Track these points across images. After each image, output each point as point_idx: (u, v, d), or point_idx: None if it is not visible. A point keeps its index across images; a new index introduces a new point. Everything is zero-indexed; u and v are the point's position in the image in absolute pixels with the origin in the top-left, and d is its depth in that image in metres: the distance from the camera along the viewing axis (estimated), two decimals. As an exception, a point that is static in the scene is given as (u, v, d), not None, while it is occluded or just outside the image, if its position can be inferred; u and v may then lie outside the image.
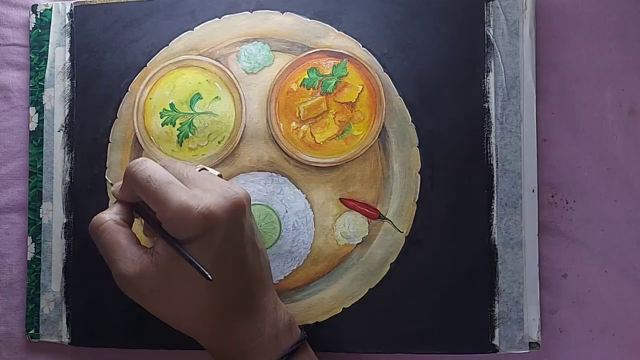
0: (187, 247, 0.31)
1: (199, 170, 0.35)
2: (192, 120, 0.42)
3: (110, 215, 0.34)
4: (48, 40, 0.45)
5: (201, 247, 0.31)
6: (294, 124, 0.40)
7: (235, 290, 0.34)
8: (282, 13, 0.41)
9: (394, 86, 0.40)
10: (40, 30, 0.45)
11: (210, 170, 0.37)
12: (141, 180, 0.32)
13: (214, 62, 0.42)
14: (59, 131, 0.44)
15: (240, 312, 0.34)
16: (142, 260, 0.32)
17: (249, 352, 0.34)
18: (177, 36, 0.42)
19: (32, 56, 0.45)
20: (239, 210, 0.32)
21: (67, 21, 0.44)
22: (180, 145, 0.42)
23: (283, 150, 0.40)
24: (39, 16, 0.45)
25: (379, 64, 0.40)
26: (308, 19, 0.41)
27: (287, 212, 0.40)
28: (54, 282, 0.43)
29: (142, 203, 0.34)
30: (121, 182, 0.35)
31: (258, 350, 0.33)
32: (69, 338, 0.42)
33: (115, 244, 0.33)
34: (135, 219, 0.36)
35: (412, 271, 0.39)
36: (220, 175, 0.36)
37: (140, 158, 0.34)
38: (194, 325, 0.34)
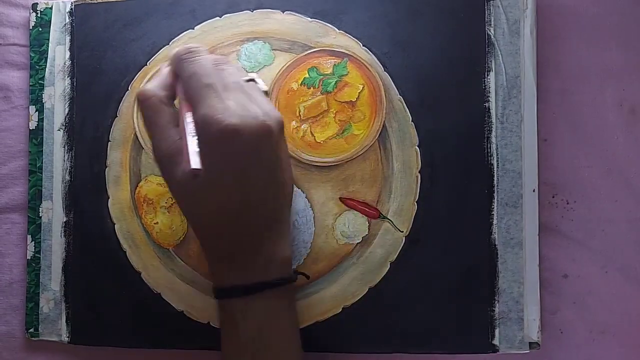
0: (210, 154, 0.31)
1: (247, 81, 0.35)
2: (192, 119, 0.41)
3: (155, 90, 0.34)
4: (48, 39, 0.45)
5: (221, 159, 0.31)
6: (294, 123, 0.40)
7: (241, 212, 0.33)
8: (283, 12, 0.41)
9: (394, 85, 0.40)
10: (40, 29, 0.45)
11: (260, 83, 0.36)
12: (185, 72, 0.33)
13: (214, 61, 0.42)
14: (58, 130, 0.44)
15: (241, 235, 0.34)
16: (175, 144, 0.32)
17: (234, 269, 0.34)
18: (178, 35, 0.42)
19: (32, 55, 0.45)
20: (264, 135, 0.32)
21: (67, 20, 0.44)
22: (180, 144, 0.42)
23: (283, 150, 0.40)
24: (39, 15, 0.45)
25: (379, 63, 0.40)
26: (308, 18, 0.41)
27: (287, 211, 0.40)
28: (53, 281, 0.43)
29: None
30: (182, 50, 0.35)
31: (243, 269, 0.34)
32: (68, 337, 0.42)
33: (155, 123, 0.33)
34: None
35: (412, 271, 0.39)
36: (266, 92, 0.36)
37: (195, 46, 0.35)
38: (202, 226, 0.34)
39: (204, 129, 0.31)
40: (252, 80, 0.35)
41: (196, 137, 0.31)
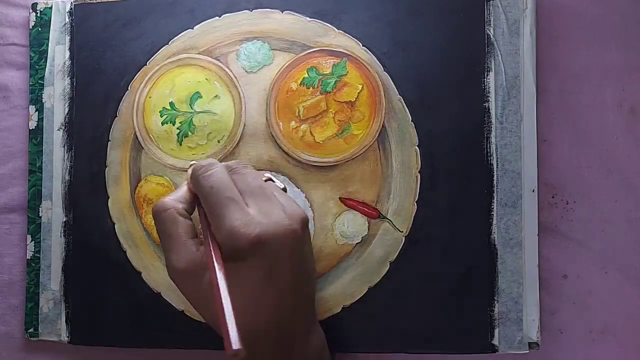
0: (235, 265, 0.31)
1: (265, 180, 0.35)
2: (191, 119, 0.41)
3: (173, 203, 0.33)
4: (48, 39, 0.45)
5: (248, 268, 0.31)
6: (293, 123, 0.40)
7: (272, 314, 0.32)
8: (282, 12, 0.41)
9: (393, 85, 0.40)
10: (40, 29, 0.45)
11: (277, 181, 0.36)
12: (203, 187, 0.33)
13: (213, 60, 0.42)
14: (58, 130, 0.44)
15: (273, 333, 0.32)
16: (193, 258, 0.32)
17: None
18: (177, 35, 0.42)
19: (32, 54, 0.45)
20: (291, 239, 0.31)
21: (67, 19, 0.44)
22: (180, 144, 0.42)
23: (282, 150, 0.40)
24: (38, 14, 0.45)
25: (378, 63, 0.40)
26: (308, 18, 0.41)
27: (286, 211, 0.40)
28: (53, 281, 0.43)
29: None
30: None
31: None
32: (67, 337, 0.42)
33: (171, 235, 0.32)
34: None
35: (412, 271, 0.39)
36: (284, 189, 0.36)
37: (209, 161, 0.34)
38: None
39: (232, 242, 0.30)
40: (270, 179, 0.36)
41: (233, 317, 0.28)
